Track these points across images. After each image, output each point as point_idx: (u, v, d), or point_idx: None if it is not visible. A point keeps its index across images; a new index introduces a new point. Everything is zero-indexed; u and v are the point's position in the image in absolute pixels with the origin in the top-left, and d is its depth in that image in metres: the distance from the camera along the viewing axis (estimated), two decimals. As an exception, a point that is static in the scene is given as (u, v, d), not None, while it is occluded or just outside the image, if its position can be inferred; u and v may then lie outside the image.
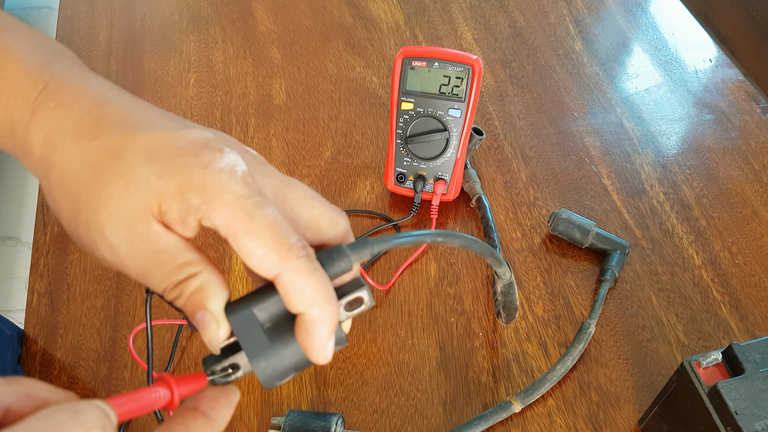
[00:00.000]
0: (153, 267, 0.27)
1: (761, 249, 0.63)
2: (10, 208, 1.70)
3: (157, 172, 0.26)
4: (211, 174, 0.26)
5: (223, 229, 0.27)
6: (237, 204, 0.26)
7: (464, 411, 0.53)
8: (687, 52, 0.82)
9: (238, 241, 0.26)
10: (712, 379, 0.43)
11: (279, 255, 0.26)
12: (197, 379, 0.29)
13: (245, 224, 0.26)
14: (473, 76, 0.58)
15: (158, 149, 0.27)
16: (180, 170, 0.26)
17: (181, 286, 0.27)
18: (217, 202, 0.26)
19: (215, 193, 0.26)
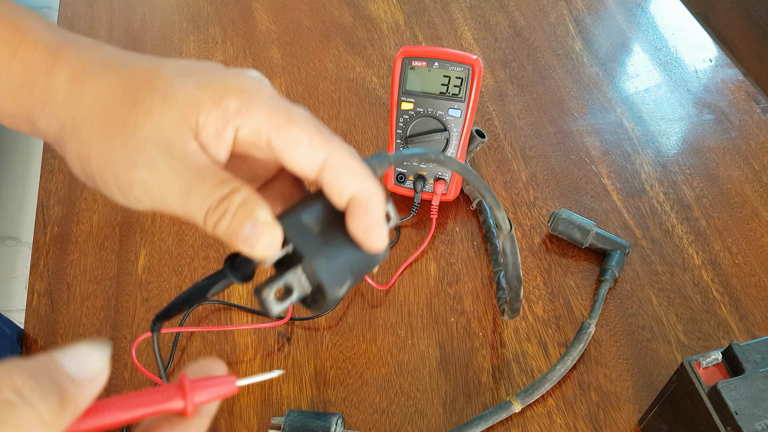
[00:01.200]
0: (195, 182, 0.26)
1: (761, 249, 0.63)
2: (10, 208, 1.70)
3: (194, 82, 0.27)
4: (245, 80, 0.28)
5: (264, 127, 0.27)
6: (274, 101, 0.27)
7: (464, 411, 0.53)
8: (687, 52, 0.82)
9: (282, 133, 0.27)
10: (712, 379, 0.43)
11: (325, 138, 0.27)
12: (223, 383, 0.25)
13: (286, 117, 0.27)
14: (473, 76, 0.58)
15: (188, 67, 0.28)
16: (215, 79, 0.27)
17: (226, 201, 0.26)
18: (255, 102, 0.27)
19: (252, 94, 0.27)
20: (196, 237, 0.64)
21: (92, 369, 0.21)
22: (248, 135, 0.27)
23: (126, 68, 0.28)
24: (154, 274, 0.62)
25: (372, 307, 0.59)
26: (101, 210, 0.67)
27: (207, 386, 0.25)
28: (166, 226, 0.65)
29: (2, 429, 0.18)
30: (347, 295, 0.60)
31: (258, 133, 0.27)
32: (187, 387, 0.24)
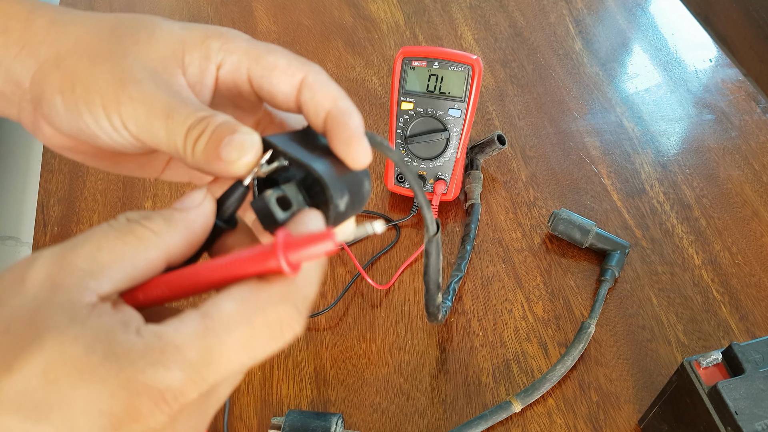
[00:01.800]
0: (180, 103, 0.26)
1: (761, 249, 0.63)
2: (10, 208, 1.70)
3: (179, 26, 0.29)
4: (226, 29, 0.29)
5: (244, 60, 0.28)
6: (252, 42, 0.29)
7: (464, 411, 0.53)
8: (687, 52, 0.82)
9: (260, 60, 0.28)
10: (712, 379, 0.43)
11: (300, 62, 0.28)
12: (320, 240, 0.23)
13: (264, 48, 0.29)
14: (473, 76, 0.58)
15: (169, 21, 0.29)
16: (197, 26, 0.29)
17: (206, 120, 0.26)
18: (235, 40, 0.29)
19: (232, 38, 0.29)
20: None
21: (192, 200, 0.25)
22: (229, 71, 0.29)
23: (111, 16, 0.29)
24: (154, 274, 0.62)
25: (372, 307, 0.59)
26: (101, 210, 0.67)
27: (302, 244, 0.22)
28: (166, 226, 0.65)
29: (125, 238, 0.23)
30: (347, 295, 0.60)
31: (238, 69, 0.28)
32: (279, 247, 0.22)
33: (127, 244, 0.23)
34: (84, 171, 0.70)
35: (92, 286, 0.22)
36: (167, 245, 0.24)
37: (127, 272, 0.23)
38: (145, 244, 0.23)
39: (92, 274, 0.22)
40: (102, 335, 0.21)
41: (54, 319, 0.20)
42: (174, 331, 0.21)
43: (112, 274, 0.22)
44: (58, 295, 0.21)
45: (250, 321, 0.22)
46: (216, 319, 0.22)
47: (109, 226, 0.23)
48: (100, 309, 0.21)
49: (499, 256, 0.62)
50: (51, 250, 0.22)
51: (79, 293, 0.21)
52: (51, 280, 0.21)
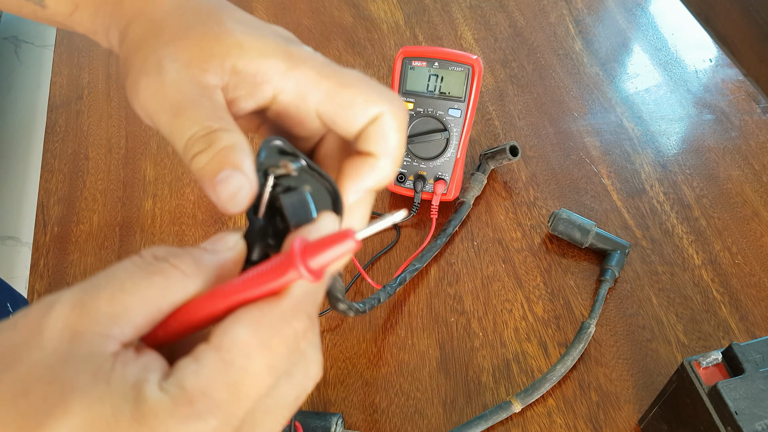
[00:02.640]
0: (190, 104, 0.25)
1: (761, 249, 0.63)
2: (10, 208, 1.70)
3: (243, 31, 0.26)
4: (296, 48, 0.27)
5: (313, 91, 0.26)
6: (323, 67, 0.26)
7: (464, 411, 0.53)
8: (687, 52, 0.82)
9: (333, 96, 0.26)
10: (712, 379, 0.43)
11: (382, 98, 0.26)
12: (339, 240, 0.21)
13: (338, 79, 0.26)
14: (473, 76, 0.58)
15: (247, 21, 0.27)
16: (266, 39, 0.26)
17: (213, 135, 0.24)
18: (304, 66, 0.26)
19: (302, 60, 0.26)
20: (197, 237, 0.64)
21: (225, 243, 0.24)
22: (290, 101, 0.26)
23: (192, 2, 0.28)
24: (154, 274, 0.62)
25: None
26: (101, 210, 0.67)
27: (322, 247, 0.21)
28: (166, 226, 0.65)
29: (151, 278, 0.21)
30: (347, 295, 0.60)
31: (304, 100, 0.26)
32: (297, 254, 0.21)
33: (153, 286, 0.21)
34: (84, 171, 0.71)
35: (115, 333, 0.21)
36: (195, 288, 0.22)
37: (151, 316, 0.21)
38: (173, 286, 0.22)
39: (115, 319, 0.21)
40: (128, 393, 0.19)
41: (78, 378, 0.19)
42: (195, 376, 0.20)
43: (135, 318, 0.21)
44: (80, 347, 0.20)
45: (268, 344, 0.21)
46: (233, 351, 0.21)
47: (134, 264, 0.22)
48: (123, 358, 0.20)
49: (499, 256, 0.62)
50: (70, 293, 0.21)
51: (102, 343, 0.20)
52: (71, 329, 0.20)
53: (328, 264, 0.21)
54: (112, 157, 0.72)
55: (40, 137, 1.70)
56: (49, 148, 0.73)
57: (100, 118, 0.75)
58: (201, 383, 0.20)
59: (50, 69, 0.83)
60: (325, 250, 0.21)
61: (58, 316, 0.20)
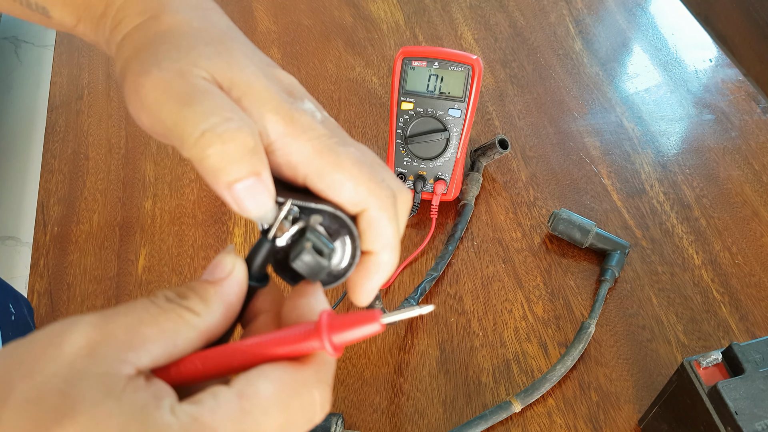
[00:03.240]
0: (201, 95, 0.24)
1: (761, 249, 0.63)
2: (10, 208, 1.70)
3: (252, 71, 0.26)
4: (297, 111, 0.25)
5: (305, 165, 0.25)
6: (321, 141, 0.25)
7: (464, 411, 0.53)
8: (687, 52, 0.82)
9: (324, 176, 0.25)
10: (712, 379, 0.43)
11: (370, 189, 0.26)
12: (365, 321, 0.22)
13: (332, 159, 0.25)
14: (473, 76, 0.58)
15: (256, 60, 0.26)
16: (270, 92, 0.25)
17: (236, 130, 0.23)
18: (302, 136, 0.25)
19: (300, 128, 0.25)
20: (197, 237, 0.64)
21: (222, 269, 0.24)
22: (282, 160, 0.25)
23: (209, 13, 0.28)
24: (154, 274, 0.62)
25: (372, 307, 0.59)
26: (101, 210, 0.67)
27: (347, 325, 0.22)
28: (167, 226, 0.65)
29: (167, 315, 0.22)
30: (347, 296, 0.60)
31: (293, 167, 0.25)
32: (324, 329, 0.22)
33: (170, 321, 0.22)
34: (84, 171, 0.71)
35: (131, 359, 0.21)
36: (207, 325, 0.23)
37: (167, 349, 0.22)
38: (188, 324, 0.22)
39: (132, 346, 0.21)
40: (137, 413, 0.20)
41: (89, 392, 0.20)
42: (210, 412, 0.20)
43: (151, 348, 0.21)
44: (96, 365, 0.20)
45: (288, 405, 0.21)
46: (254, 402, 0.21)
47: (151, 302, 0.23)
48: (135, 383, 0.21)
49: (499, 256, 0.62)
50: (93, 316, 0.22)
51: (118, 365, 0.21)
52: (90, 347, 0.21)
53: (350, 342, 0.22)
54: (112, 157, 0.72)
55: (40, 137, 1.70)
56: (49, 148, 0.73)
57: (100, 118, 0.75)
58: (215, 421, 0.20)
59: (50, 69, 0.83)
60: (350, 329, 0.22)
61: (79, 333, 0.21)
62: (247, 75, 0.25)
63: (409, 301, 0.58)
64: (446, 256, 0.61)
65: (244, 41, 0.28)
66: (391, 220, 0.26)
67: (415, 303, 0.58)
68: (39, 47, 2.09)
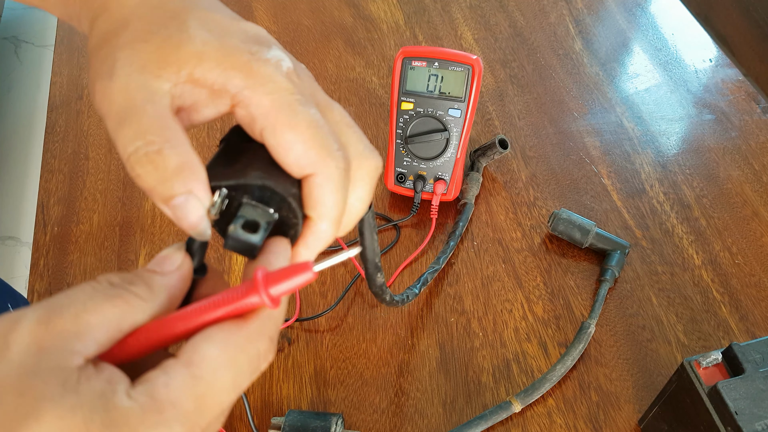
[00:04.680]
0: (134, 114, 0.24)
1: (761, 249, 0.63)
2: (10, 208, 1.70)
3: (204, 40, 0.25)
4: (257, 62, 0.25)
5: (261, 119, 0.25)
6: (281, 96, 0.25)
7: (464, 411, 0.53)
8: (687, 52, 0.82)
9: (276, 133, 0.25)
10: (712, 379, 0.43)
11: (319, 156, 0.25)
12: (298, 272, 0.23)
13: (288, 117, 0.25)
14: (473, 76, 0.58)
15: (212, 23, 0.26)
16: (227, 49, 0.25)
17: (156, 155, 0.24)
18: (261, 89, 0.25)
19: (260, 80, 0.25)
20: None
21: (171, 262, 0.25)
22: (241, 116, 0.26)
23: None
24: (154, 274, 0.62)
25: (372, 307, 0.59)
26: (101, 210, 0.67)
27: (282, 277, 0.23)
28: (166, 226, 0.65)
29: (113, 302, 0.22)
30: (347, 295, 0.60)
31: (252, 119, 0.26)
32: (260, 283, 0.23)
33: (116, 307, 0.22)
34: (84, 171, 0.71)
35: (79, 348, 0.21)
36: (153, 309, 0.24)
37: (112, 334, 0.22)
38: (132, 309, 0.23)
39: (78, 336, 0.21)
40: (97, 402, 0.20)
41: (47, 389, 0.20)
42: (165, 387, 0.21)
43: (97, 335, 0.22)
44: (47, 360, 0.21)
45: (235, 362, 0.23)
46: (202, 367, 0.22)
47: (93, 288, 0.23)
48: (87, 372, 0.21)
49: (499, 256, 0.62)
50: (34, 310, 0.22)
51: (67, 358, 0.21)
52: (37, 344, 0.21)
53: (286, 292, 0.23)
54: (112, 157, 0.72)
55: (40, 137, 1.70)
56: (49, 148, 0.73)
57: (100, 118, 0.75)
58: (170, 394, 0.21)
59: (50, 69, 0.83)
60: (285, 280, 0.23)
61: (23, 331, 0.21)
62: (201, 44, 0.25)
63: (411, 289, 0.57)
64: (448, 251, 0.61)
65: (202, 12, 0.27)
66: (336, 191, 0.26)
67: (417, 291, 0.57)
68: (39, 47, 2.09)
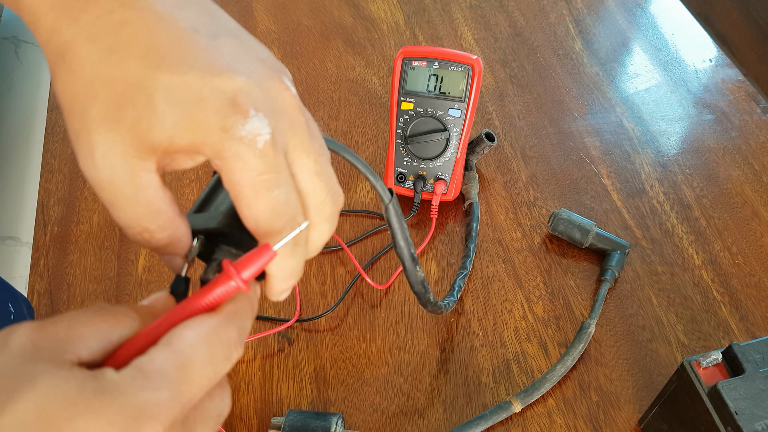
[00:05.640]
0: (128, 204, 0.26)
1: (761, 249, 0.63)
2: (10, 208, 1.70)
3: (175, 121, 0.25)
4: (229, 140, 0.25)
5: (228, 186, 0.27)
6: (248, 176, 0.26)
7: (464, 411, 0.53)
8: (687, 52, 0.82)
9: (239, 203, 0.27)
10: (712, 379, 0.43)
11: (272, 234, 0.28)
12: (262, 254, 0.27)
13: (249, 198, 0.26)
14: (473, 76, 0.58)
15: (181, 94, 0.25)
16: (199, 126, 0.25)
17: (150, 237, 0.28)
18: (230, 166, 0.26)
19: (230, 160, 0.26)
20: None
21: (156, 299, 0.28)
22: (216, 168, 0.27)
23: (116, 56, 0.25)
24: (154, 274, 0.62)
25: (372, 307, 0.59)
26: (101, 210, 0.67)
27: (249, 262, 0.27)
28: (166, 226, 0.65)
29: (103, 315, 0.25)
30: (347, 296, 0.60)
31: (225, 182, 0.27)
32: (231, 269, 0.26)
33: (105, 321, 0.25)
34: (84, 171, 0.70)
35: (72, 350, 0.23)
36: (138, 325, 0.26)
37: (102, 345, 0.24)
38: (121, 323, 0.25)
39: (71, 342, 0.23)
40: (89, 377, 0.22)
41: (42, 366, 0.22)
42: (150, 361, 0.23)
43: (89, 343, 0.24)
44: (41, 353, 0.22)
45: (209, 342, 0.25)
46: (183, 345, 0.24)
47: (85, 309, 0.25)
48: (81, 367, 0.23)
49: (499, 256, 0.62)
50: (32, 322, 0.23)
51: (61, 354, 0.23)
52: (33, 342, 0.22)
53: (256, 273, 0.27)
54: (112, 157, 0.71)
55: (40, 137, 1.70)
56: (49, 148, 0.73)
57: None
58: (155, 365, 0.23)
59: (50, 69, 0.83)
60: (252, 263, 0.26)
61: (21, 333, 0.23)
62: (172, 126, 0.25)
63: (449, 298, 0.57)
64: (470, 254, 0.61)
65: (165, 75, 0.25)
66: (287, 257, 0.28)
67: (455, 298, 0.58)
68: (39, 47, 2.09)
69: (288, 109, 0.28)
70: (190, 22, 0.26)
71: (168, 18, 0.26)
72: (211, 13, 0.28)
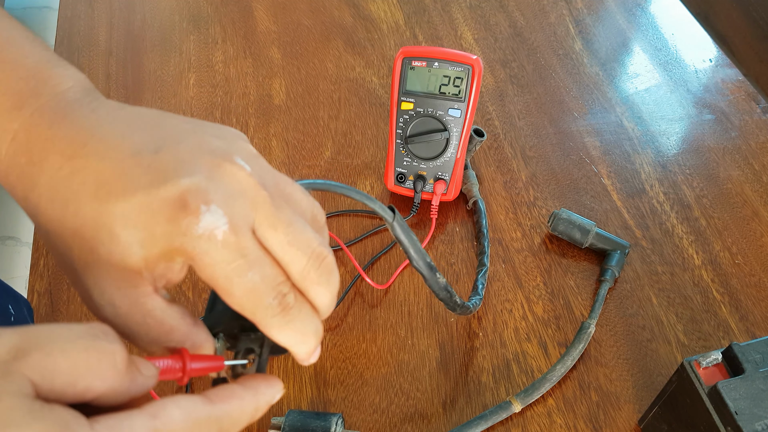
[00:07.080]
0: (140, 330, 0.28)
1: (761, 249, 0.63)
2: (10, 208, 1.70)
3: (139, 242, 0.26)
4: (190, 241, 0.26)
5: (206, 281, 0.28)
6: (217, 269, 0.27)
7: (464, 411, 0.53)
8: (687, 52, 0.82)
9: (220, 294, 0.28)
10: (712, 379, 0.43)
11: (255, 313, 0.28)
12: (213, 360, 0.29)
13: (226, 287, 0.27)
14: (473, 76, 0.58)
15: (134, 216, 0.26)
16: (160, 238, 0.26)
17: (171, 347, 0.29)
18: (198, 264, 0.27)
19: (198, 258, 0.27)
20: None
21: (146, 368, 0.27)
22: None
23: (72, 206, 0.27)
24: (154, 274, 0.62)
25: (372, 307, 0.59)
26: (101, 210, 0.67)
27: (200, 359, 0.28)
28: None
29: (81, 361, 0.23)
30: (347, 296, 0.60)
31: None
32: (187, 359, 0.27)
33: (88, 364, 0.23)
34: (84, 171, 0.70)
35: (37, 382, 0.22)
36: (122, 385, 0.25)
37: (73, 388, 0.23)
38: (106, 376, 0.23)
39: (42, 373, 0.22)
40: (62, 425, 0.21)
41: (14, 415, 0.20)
42: (128, 428, 0.22)
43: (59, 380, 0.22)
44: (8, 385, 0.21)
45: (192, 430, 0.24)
46: (165, 422, 0.23)
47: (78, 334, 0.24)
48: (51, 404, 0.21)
49: (499, 256, 0.62)
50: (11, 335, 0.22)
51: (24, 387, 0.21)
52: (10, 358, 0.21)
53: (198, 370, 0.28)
54: (112, 157, 0.71)
55: (40, 137, 1.69)
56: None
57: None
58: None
59: (50, 69, 0.83)
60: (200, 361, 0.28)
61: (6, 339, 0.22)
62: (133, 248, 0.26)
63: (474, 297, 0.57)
64: (486, 250, 0.61)
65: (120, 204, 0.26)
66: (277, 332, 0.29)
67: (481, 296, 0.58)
68: (39, 47, 2.09)
69: (245, 188, 0.28)
70: (132, 146, 0.27)
71: (112, 151, 0.27)
72: (157, 126, 0.29)
